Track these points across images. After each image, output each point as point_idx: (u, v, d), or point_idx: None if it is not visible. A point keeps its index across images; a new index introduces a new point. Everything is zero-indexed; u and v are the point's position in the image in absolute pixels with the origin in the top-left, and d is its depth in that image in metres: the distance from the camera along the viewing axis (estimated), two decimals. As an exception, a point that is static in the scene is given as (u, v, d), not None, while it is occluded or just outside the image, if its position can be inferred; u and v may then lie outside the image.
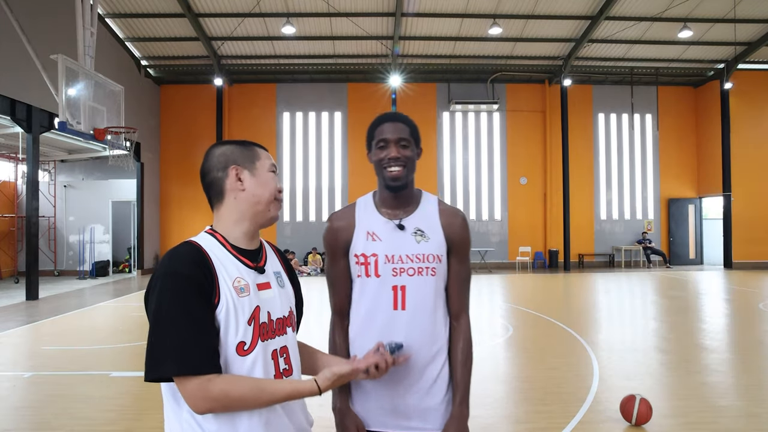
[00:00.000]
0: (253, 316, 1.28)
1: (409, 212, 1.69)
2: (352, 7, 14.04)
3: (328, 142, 17.13)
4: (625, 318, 8.53)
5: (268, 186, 1.39)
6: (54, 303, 10.23)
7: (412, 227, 1.66)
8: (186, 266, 1.22)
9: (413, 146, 1.68)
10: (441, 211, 1.70)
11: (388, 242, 1.64)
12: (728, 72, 16.35)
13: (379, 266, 1.63)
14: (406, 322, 1.60)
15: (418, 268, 1.62)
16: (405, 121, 1.69)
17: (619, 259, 17.21)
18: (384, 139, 1.65)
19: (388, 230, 1.66)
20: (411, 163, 1.66)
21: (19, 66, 10.08)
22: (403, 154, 1.64)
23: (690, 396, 4.45)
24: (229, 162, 1.37)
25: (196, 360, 1.17)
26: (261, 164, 1.40)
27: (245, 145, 1.42)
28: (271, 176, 1.40)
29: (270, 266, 1.42)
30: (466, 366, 1.66)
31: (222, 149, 1.40)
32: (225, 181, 1.36)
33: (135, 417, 4.09)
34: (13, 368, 5.62)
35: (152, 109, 16.50)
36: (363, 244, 1.65)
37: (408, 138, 1.66)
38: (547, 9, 14.26)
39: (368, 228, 1.67)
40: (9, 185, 15.31)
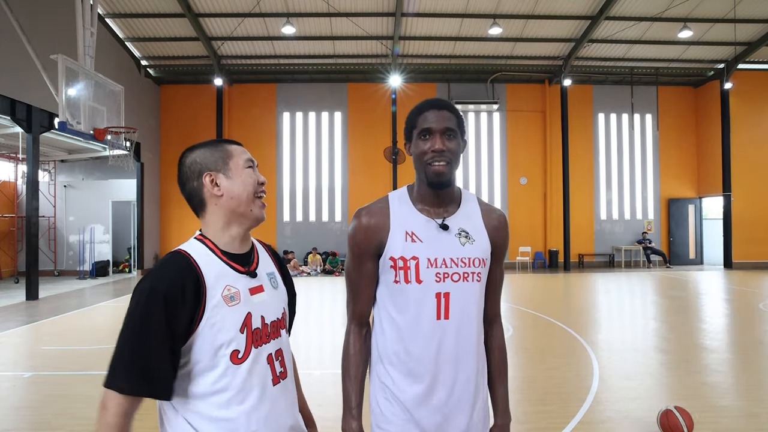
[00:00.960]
0: (245, 324, 1.28)
1: (451, 211, 1.53)
2: (352, 7, 14.04)
3: (328, 142, 17.13)
4: (625, 318, 8.53)
5: (246, 184, 1.34)
6: (54, 303, 10.23)
7: (456, 228, 1.51)
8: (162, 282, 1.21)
9: (459, 137, 1.51)
10: (483, 210, 1.57)
11: (430, 244, 1.47)
12: (728, 72, 16.35)
13: (421, 271, 1.46)
14: (451, 333, 1.46)
15: (464, 273, 1.47)
16: (451, 108, 1.51)
17: (619, 259, 17.21)
18: (428, 129, 1.47)
19: (430, 231, 1.49)
20: (456, 157, 1.50)
21: (19, 66, 10.08)
22: (449, 147, 1.47)
23: (690, 396, 4.45)
24: (202, 169, 1.33)
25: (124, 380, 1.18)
26: (234, 163, 1.34)
27: (215, 145, 1.36)
28: (248, 173, 1.35)
29: (262, 268, 1.40)
30: (504, 375, 1.59)
31: (192, 156, 1.35)
32: (202, 189, 1.33)
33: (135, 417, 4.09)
34: (13, 368, 5.62)
35: (152, 109, 16.49)
36: (402, 245, 1.48)
37: (454, 128, 1.48)
38: (547, 9, 14.25)
39: (407, 227, 1.49)
40: (9, 185, 15.31)
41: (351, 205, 16.85)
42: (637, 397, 4.44)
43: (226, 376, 1.24)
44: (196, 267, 1.25)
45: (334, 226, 17.01)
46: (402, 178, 16.74)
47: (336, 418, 4.05)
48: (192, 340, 1.23)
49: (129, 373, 1.18)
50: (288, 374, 1.39)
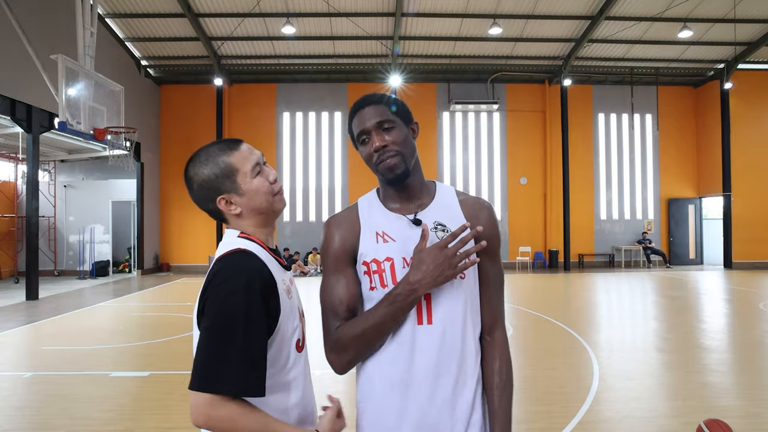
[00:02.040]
0: (300, 313, 1.37)
1: (423, 205, 1.41)
2: (352, 7, 14.04)
3: (328, 142, 17.13)
4: (625, 318, 8.52)
5: (260, 193, 1.32)
6: (54, 303, 10.23)
7: (431, 221, 1.37)
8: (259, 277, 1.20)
9: (401, 125, 1.38)
10: (462, 201, 1.43)
11: (403, 242, 1.35)
12: (728, 72, 16.35)
13: (397, 272, 1.33)
14: (435, 340, 1.30)
15: None
16: (381, 100, 1.39)
17: (619, 259, 17.21)
18: (363, 131, 1.36)
19: (402, 228, 1.37)
20: (404, 145, 1.37)
21: (19, 66, 10.08)
22: (390, 140, 1.35)
23: (690, 396, 4.46)
24: (214, 194, 1.30)
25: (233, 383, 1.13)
26: (242, 177, 1.29)
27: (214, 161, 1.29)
28: (258, 181, 1.31)
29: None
30: (506, 391, 1.36)
31: (199, 180, 1.30)
32: (220, 210, 1.32)
33: (135, 417, 4.09)
34: (13, 368, 5.62)
35: (152, 109, 16.50)
36: (373, 247, 1.36)
37: (389, 118, 1.36)
38: (547, 9, 14.26)
39: (377, 228, 1.38)
40: (9, 185, 15.31)
41: (351, 205, 16.85)
42: (637, 397, 4.44)
43: (295, 365, 1.29)
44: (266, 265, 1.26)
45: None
46: (402, 178, 16.72)
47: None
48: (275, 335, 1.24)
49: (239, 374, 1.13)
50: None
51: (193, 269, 16.21)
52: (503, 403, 1.35)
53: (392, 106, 1.39)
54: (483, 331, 1.41)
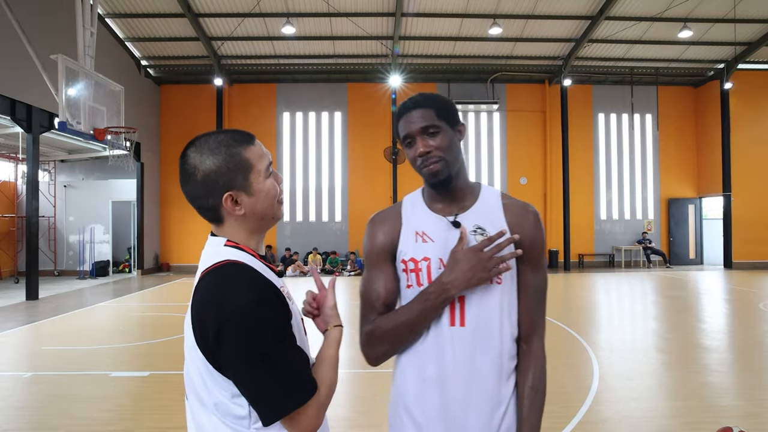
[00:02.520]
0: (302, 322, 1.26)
1: (465, 207, 1.41)
2: (352, 7, 14.04)
3: (328, 142, 17.13)
4: (625, 318, 8.52)
5: (270, 194, 1.20)
6: (54, 303, 10.23)
7: (471, 224, 1.38)
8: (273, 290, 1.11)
9: (446, 129, 1.37)
10: (506, 205, 1.41)
11: (441, 243, 1.37)
12: (728, 72, 16.35)
13: (433, 272, 1.36)
14: (467, 342, 1.32)
15: None
16: (426, 103, 1.38)
17: (619, 259, 17.21)
18: (408, 134, 1.38)
19: (441, 229, 1.39)
20: (448, 150, 1.36)
21: (19, 66, 10.08)
22: (434, 145, 1.36)
23: (690, 396, 4.46)
24: (221, 189, 1.14)
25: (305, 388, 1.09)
26: (255, 175, 1.17)
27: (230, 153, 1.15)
28: (270, 183, 1.20)
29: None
30: (536, 401, 1.35)
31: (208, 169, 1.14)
32: (220, 208, 1.17)
33: (135, 417, 4.09)
34: (13, 368, 5.62)
35: (152, 109, 16.50)
36: (412, 246, 1.39)
37: (435, 123, 1.36)
38: (547, 9, 14.26)
39: (417, 227, 1.41)
40: (9, 185, 15.31)
41: (351, 205, 16.85)
42: (637, 397, 4.44)
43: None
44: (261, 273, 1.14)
45: (334, 226, 17.02)
46: (402, 178, 16.74)
47: (336, 417, 4.06)
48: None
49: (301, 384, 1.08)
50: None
51: (193, 269, 16.20)
52: (533, 413, 1.35)
53: (438, 110, 1.37)
54: (520, 338, 1.40)
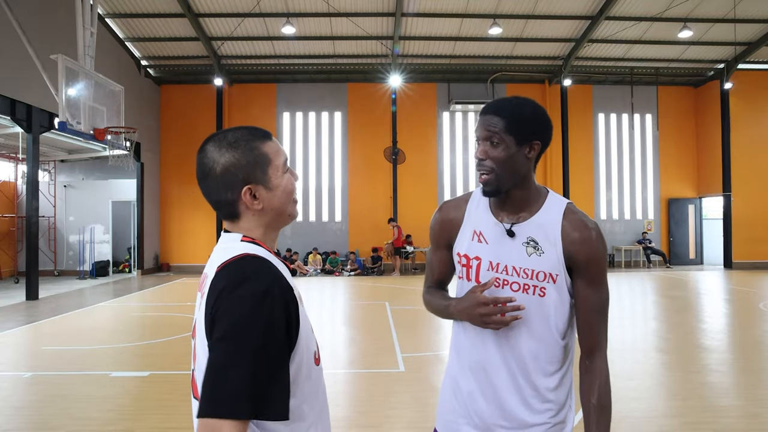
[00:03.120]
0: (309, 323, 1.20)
1: (525, 217, 1.43)
2: (352, 7, 14.04)
3: (328, 142, 17.13)
4: (625, 318, 8.52)
5: (287, 190, 1.20)
6: (54, 303, 10.23)
7: (525, 236, 1.41)
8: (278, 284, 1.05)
9: (510, 144, 1.37)
10: (566, 220, 1.42)
11: (494, 247, 1.43)
12: (728, 72, 16.35)
13: (481, 272, 1.44)
14: (509, 342, 1.40)
15: (524, 284, 1.39)
16: (499, 111, 1.38)
17: (619, 259, 17.21)
18: (477, 136, 1.42)
19: (497, 234, 1.43)
20: (504, 164, 1.37)
21: (19, 66, 10.08)
22: (491, 155, 1.38)
23: (690, 396, 4.45)
24: (240, 183, 1.14)
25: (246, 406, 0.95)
26: (273, 169, 1.17)
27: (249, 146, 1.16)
28: (287, 179, 1.20)
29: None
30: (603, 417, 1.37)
31: (228, 163, 1.14)
32: (238, 202, 1.16)
33: (135, 417, 4.09)
34: (13, 368, 5.62)
35: (152, 109, 16.50)
36: (467, 243, 1.47)
37: (499, 133, 1.36)
38: (547, 9, 14.26)
39: (476, 226, 1.47)
40: (9, 185, 15.31)
41: (351, 205, 16.85)
42: (637, 397, 4.44)
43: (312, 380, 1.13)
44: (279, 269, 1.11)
45: (334, 226, 17.01)
46: (402, 178, 16.74)
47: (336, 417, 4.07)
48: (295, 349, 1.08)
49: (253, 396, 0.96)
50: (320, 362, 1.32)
51: (193, 269, 16.21)
52: (601, 427, 1.37)
53: (510, 123, 1.37)
54: (582, 354, 1.44)
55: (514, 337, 1.40)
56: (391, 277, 15.04)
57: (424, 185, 16.93)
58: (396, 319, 8.14)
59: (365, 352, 6.24)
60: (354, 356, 6.09)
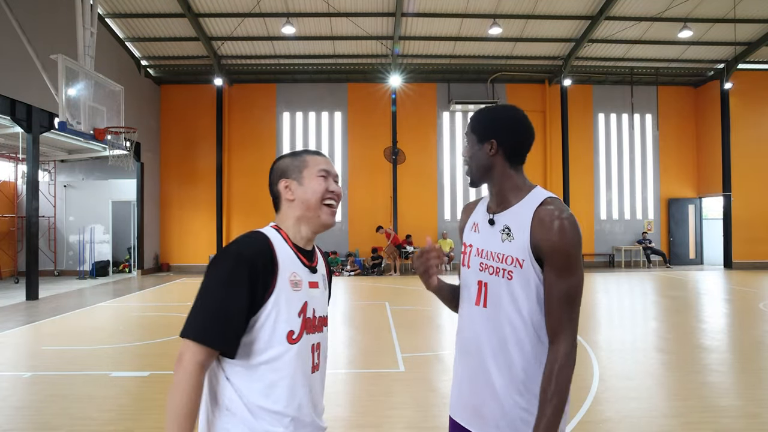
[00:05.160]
0: (302, 310, 1.43)
1: (504, 208, 1.59)
2: (352, 7, 14.04)
3: (328, 142, 17.12)
4: (625, 318, 8.52)
5: (315, 191, 1.49)
6: (54, 303, 10.23)
7: (502, 224, 1.57)
8: (249, 249, 1.36)
9: (473, 141, 1.63)
10: (539, 210, 1.50)
11: (482, 235, 1.63)
12: (728, 72, 16.35)
13: (471, 258, 1.64)
14: (484, 321, 1.57)
15: (497, 268, 1.54)
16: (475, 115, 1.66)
17: (619, 259, 17.21)
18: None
19: (484, 224, 1.64)
20: (471, 159, 1.63)
21: (19, 66, 10.08)
22: (464, 153, 1.66)
23: (690, 396, 4.45)
24: (282, 176, 1.52)
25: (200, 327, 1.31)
26: (308, 172, 1.51)
27: (296, 155, 1.55)
28: (318, 181, 1.50)
29: (320, 268, 1.56)
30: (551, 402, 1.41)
31: (278, 164, 1.55)
32: (280, 192, 1.52)
33: (135, 417, 4.09)
34: (13, 368, 5.62)
35: (152, 109, 16.50)
36: (468, 233, 1.70)
37: (468, 134, 1.65)
38: (547, 9, 14.25)
39: (476, 219, 1.70)
40: (9, 185, 15.31)
41: (351, 205, 16.85)
42: (637, 397, 4.44)
43: (279, 351, 1.37)
44: (272, 247, 1.40)
45: (335, 225, 16.97)
46: (402, 178, 16.74)
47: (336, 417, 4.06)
48: (260, 313, 1.35)
49: (209, 324, 1.30)
50: (321, 367, 1.51)
51: (193, 269, 16.21)
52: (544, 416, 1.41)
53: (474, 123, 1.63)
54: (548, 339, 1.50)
55: (489, 319, 1.55)
56: (391, 277, 15.04)
57: (424, 185, 16.93)
58: (396, 319, 8.14)
59: (365, 352, 6.24)
60: (354, 356, 6.09)
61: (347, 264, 15.83)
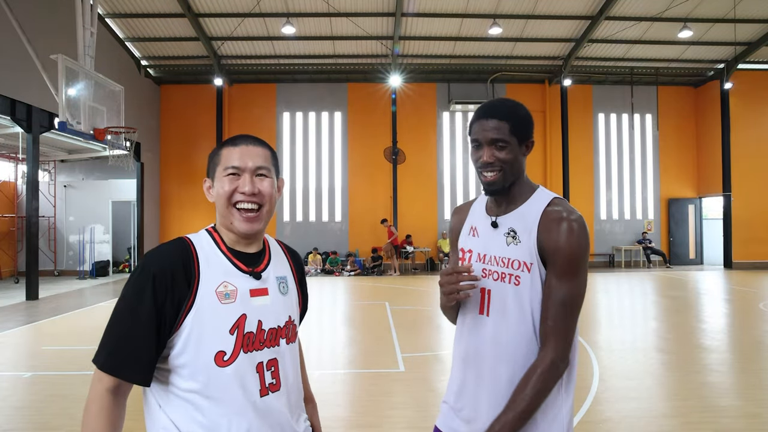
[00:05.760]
0: (236, 325, 1.22)
1: (509, 210, 1.50)
2: (352, 7, 14.04)
3: (328, 142, 17.13)
4: (625, 318, 8.53)
5: (219, 194, 1.30)
6: (54, 303, 10.23)
7: (507, 226, 1.48)
8: (155, 262, 1.20)
9: (514, 145, 1.44)
10: (546, 212, 1.43)
11: (483, 239, 1.52)
12: (728, 72, 16.35)
13: (472, 263, 1.52)
14: (490, 332, 1.45)
15: (502, 273, 1.44)
16: (502, 116, 1.44)
17: (619, 259, 17.21)
18: (476, 140, 1.47)
19: (486, 227, 1.53)
20: (510, 165, 1.44)
21: (19, 66, 10.08)
22: (498, 158, 1.43)
23: (690, 396, 4.45)
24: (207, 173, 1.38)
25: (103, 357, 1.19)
26: (219, 170, 1.32)
27: (218, 148, 1.37)
28: (226, 180, 1.30)
29: (273, 271, 1.34)
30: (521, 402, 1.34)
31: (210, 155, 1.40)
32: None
33: (135, 417, 4.08)
34: (13, 368, 5.62)
35: (152, 109, 16.49)
36: (465, 237, 1.59)
37: (506, 138, 1.42)
38: (547, 9, 14.25)
39: (473, 222, 1.59)
40: (9, 185, 15.31)
41: (351, 205, 16.85)
42: (637, 397, 4.44)
43: (208, 376, 1.19)
44: (194, 256, 1.23)
45: (334, 226, 17.01)
46: (402, 178, 16.74)
47: (335, 417, 4.06)
48: (177, 335, 1.19)
49: (110, 351, 1.19)
50: (280, 387, 1.29)
51: (193, 269, 16.20)
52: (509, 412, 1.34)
53: (514, 125, 1.44)
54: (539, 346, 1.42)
55: (492, 329, 1.46)
56: (391, 277, 15.04)
57: (424, 185, 16.93)
58: (396, 319, 8.14)
59: (365, 352, 6.24)
60: (354, 356, 6.09)
61: (347, 264, 15.83)
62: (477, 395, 1.47)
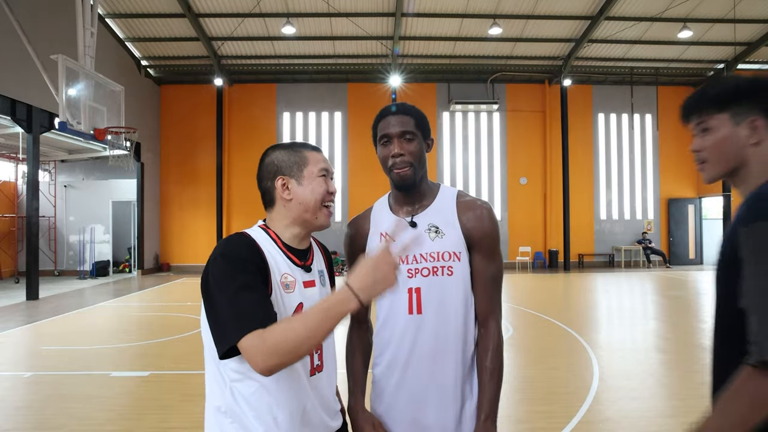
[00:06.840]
0: (296, 311, 1.34)
1: (423, 208, 1.57)
2: (352, 7, 14.04)
3: (328, 142, 17.13)
4: (625, 318, 8.53)
5: (315, 193, 1.41)
6: (54, 303, 10.23)
7: (426, 224, 1.54)
8: (243, 251, 1.28)
9: (420, 139, 1.54)
10: (459, 203, 1.55)
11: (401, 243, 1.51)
12: (728, 72, 16.35)
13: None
14: (426, 329, 1.48)
15: (433, 267, 1.49)
16: (408, 112, 1.55)
17: (619, 259, 17.21)
18: (386, 135, 1.53)
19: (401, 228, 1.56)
20: (418, 158, 1.53)
21: (19, 66, 10.08)
22: (408, 149, 1.51)
23: (690, 396, 4.45)
24: (277, 171, 1.41)
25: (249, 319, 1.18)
26: (309, 171, 1.41)
27: (295, 150, 1.43)
28: (319, 182, 1.41)
29: (316, 265, 1.48)
30: (493, 378, 1.47)
31: (271, 157, 1.43)
32: (274, 191, 1.41)
33: (135, 417, 4.09)
34: (13, 368, 5.62)
35: (152, 109, 16.49)
36: (377, 246, 1.57)
37: (413, 130, 1.52)
38: (547, 9, 14.25)
39: (382, 228, 1.59)
40: (9, 185, 15.31)
41: (351, 206, 16.85)
42: (637, 397, 4.44)
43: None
44: (260, 249, 1.32)
45: (334, 226, 16.99)
46: (402, 178, 16.71)
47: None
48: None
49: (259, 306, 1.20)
50: (325, 368, 1.43)
51: (193, 269, 16.21)
52: (490, 389, 1.47)
53: (416, 120, 1.54)
54: (479, 323, 1.53)
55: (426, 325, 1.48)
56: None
57: (424, 185, 16.91)
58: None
59: (365, 352, 6.23)
60: (354, 356, 6.08)
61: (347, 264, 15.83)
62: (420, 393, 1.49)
